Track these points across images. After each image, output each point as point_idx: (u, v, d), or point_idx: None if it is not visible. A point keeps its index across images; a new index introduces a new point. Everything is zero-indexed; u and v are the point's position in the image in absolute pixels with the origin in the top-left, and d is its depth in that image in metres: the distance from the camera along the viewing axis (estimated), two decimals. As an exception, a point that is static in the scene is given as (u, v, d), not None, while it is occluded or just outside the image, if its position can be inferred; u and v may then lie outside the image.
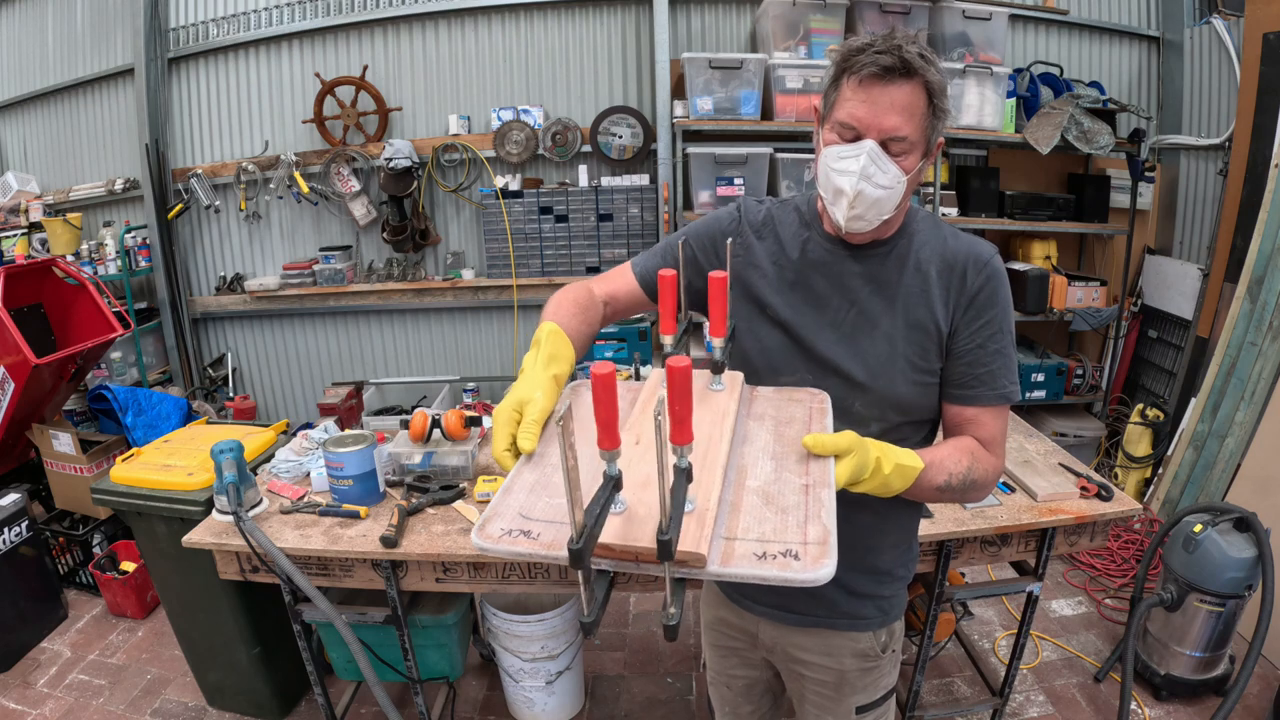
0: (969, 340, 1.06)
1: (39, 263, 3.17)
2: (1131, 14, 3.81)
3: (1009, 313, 1.07)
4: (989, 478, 1.08)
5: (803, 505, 0.80)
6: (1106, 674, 2.37)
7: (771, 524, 0.77)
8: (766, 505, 0.80)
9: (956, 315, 1.06)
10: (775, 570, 0.72)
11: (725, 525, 0.77)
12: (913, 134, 0.96)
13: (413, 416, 1.96)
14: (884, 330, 1.06)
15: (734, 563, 0.73)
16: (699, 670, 2.48)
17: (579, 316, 1.12)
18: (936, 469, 1.00)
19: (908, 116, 0.95)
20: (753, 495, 0.82)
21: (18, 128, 4.08)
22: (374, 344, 4.12)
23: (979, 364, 1.06)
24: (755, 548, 0.74)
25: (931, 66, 0.95)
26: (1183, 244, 3.83)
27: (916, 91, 0.95)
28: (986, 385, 1.07)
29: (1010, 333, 1.07)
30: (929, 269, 1.06)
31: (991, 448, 1.09)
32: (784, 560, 0.73)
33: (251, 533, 1.63)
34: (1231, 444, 2.88)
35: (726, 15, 3.65)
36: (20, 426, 3.00)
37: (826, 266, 1.09)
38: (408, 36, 3.71)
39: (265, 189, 3.82)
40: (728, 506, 0.80)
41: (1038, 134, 3.33)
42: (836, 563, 0.72)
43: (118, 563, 2.82)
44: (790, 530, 0.76)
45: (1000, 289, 1.06)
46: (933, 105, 0.96)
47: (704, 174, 3.40)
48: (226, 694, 2.28)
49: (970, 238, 1.09)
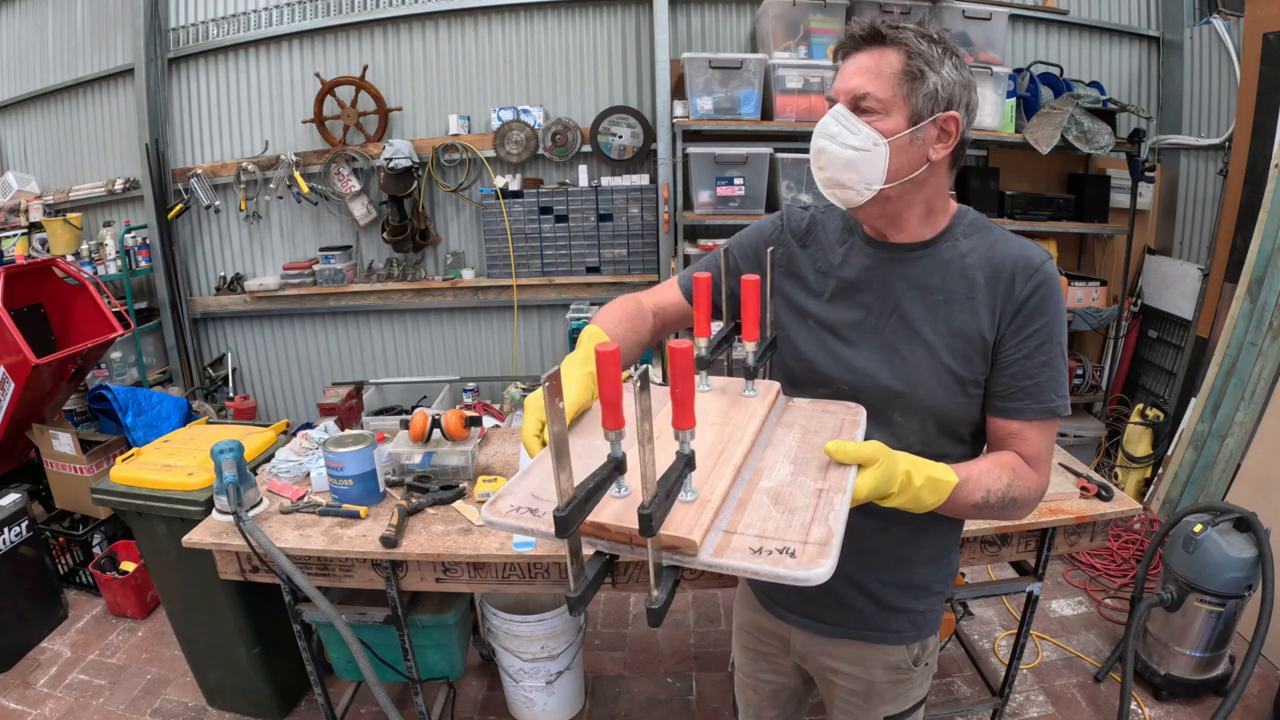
0: (1015, 350, 1.01)
1: (39, 263, 3.17)
2: (1131, 14, 3.81)
3: (1060, 323, 1.01)
4: (1031, 496, 1.03)
5: (812, 508, 0.79)
6: (1106, 674, 2.37)
7: (775, 523, 0.77)
8: (775, 505, 0.80)
9: (1003, 323, 1.01)
10: (768, 565, 0.71)
11: (728, 520, 0.77)
12: (879, 91, 0.95)
13: (413, 416, 1.96)
14: (925, 338, 1.03)
15: (727, 554, 0.73)
16: (699, 670, 2.48)
17: (625, 324, 1.16)
18: (973, 485, 0.97)
19: (873, 76, 0.96)
20: (763, 495, 0.81)
21: (18, 128, 4.08)
22: (374, 344, 4.12)
23: (1025, 376, 1.01)
24: (753, 542, 0.74)
25: (910, 34, 0.95)
26: (1183, 244, 3.83)
27: (887, 54, 0.95)
28: (1032, 399, 1.01)
29: (1060, 343, 1.01)
30: (975, 274, 1.02)
31: (1035, 464, 1.04)
32: (778, 557, 0.72)
33: (251, 533, 1.63)
34: (1231, 444, 2.88)
35: (726, 15, 3.65)
36: (20, 426, 3.00)
37: (868, 272, 1.07)
38: (408, 36, 3.71)
39: (265, 189, 3.82)
40: (734, 503, 0.80)
41: (1038, 134, 3.33)
42: (835, 565, 0.71)
43: (118, 563, 2.82)
44: (793, 530, 0.76)
45: (1051, 297, 1.00)
46: (910, 67, 0.95)
47: (704, 174, 3.40)
48: (226, 694, 2.28)
49: (1022, 242, 1.03)
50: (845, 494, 0.81)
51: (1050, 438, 1.05)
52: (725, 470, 0.82)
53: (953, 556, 1.21)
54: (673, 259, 3.58)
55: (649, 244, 3.77)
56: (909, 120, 0.96)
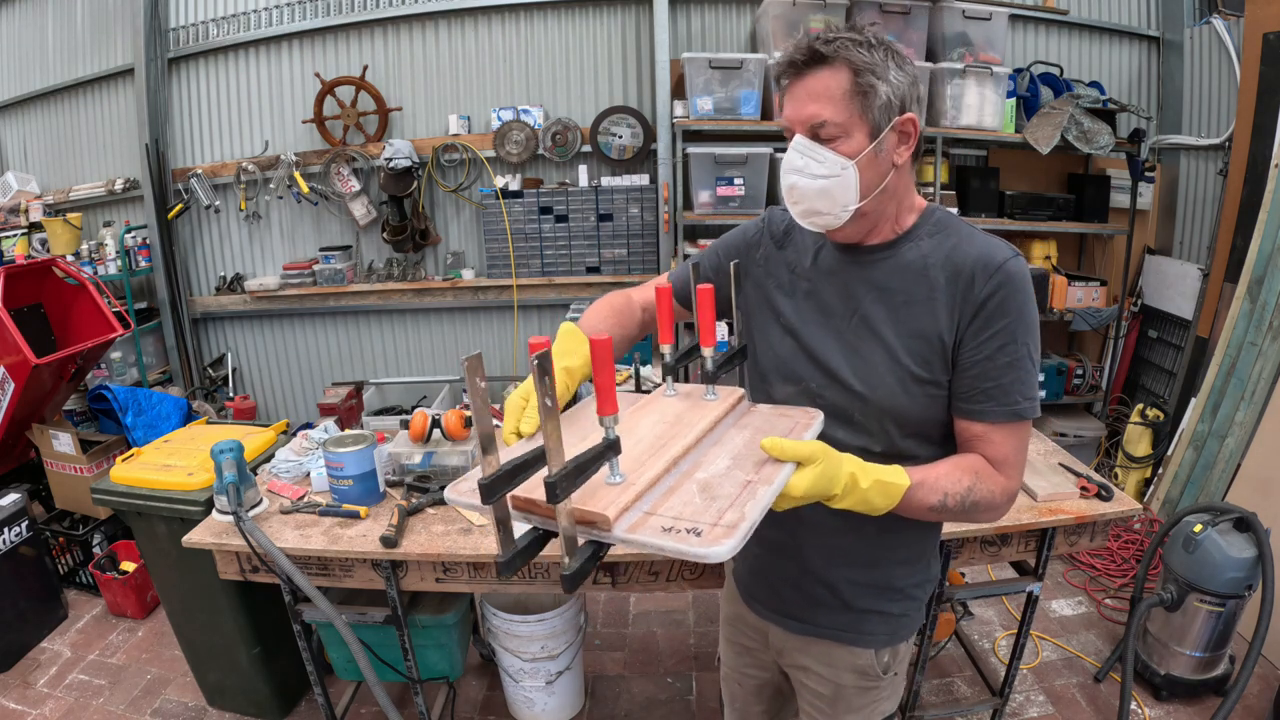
0: (976, 352, 0.99)
1: (39, 263, 3.17)
2: (1131, 14, 3.81)
3: (1027, 321, 0.99)
4: (996, 500, 1.01)
5: (734, 497, 0.81)
6: (1106, 674, 2.37)
7: (695, 507, 0.80)
8: (701, 493, 0.83)
9: (963, 325, 0.99)
10: (672, 542, 0.74)
11: (653, 503, 0.82)
12: (835, 115, 0.95)
13: (413, 416, 1.96)
14: (884, 339, 1.03)
15: (639, 531, 0.77)
16: (699, 670, 2.48)
17: (610, 319, 1.19)
18: (929, 488, 0.96)
19: (825, 100, 0.95)
20: (694, 484, 0.85)
21: (18, 128, 4.08)
22: (374, 344, 4.12)
23: (986, 377, 0.99)
24: (667, 522, 0.78)
25: (852, 46, 0.93)
26: (1183, 244, 3.83)
27: (834, 74, 0.94)
28: (995, 401, 1.00)
29: (1028, 344, 0.99)
30: (936, 275, 1.01)
31: (1003, 468, 1.02)
32: (685, 535, 0.75)
33: (251, 533, 1.63)
34: (1231, 444, 2.88)
35: (726, 15, 3.65)
36: (20, 426, 3.00)
37: (835, 274, 1.08)
38: (408, 36, 3.71)
39: (265, 189, 3.82)
40: (664, 490, 0.84)
41: (1038, 134, 3.33)
42: (738, 546, 0.73)
43: (118, 563, 2.82)
44: (708, 513, 0.79)
45: (1013, 296, 0.98)
46: (859, 84, 0.94)
47: (704, 174, 3.40)
48: (226, 694, 2.28)
49: (988, 239, 1.01)
50: (772, 486, 0.82)
51: (1018, 440, 1.02)
52: (660, 460, 0.87)
53: (930, 561, 1.20)
54: (673, 259, 3.57)
55: (649, 244, 3.77)
56: (870, 136, 0.96)
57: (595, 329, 1.19)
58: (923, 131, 1.01)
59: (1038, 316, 1.02)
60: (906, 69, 0.97)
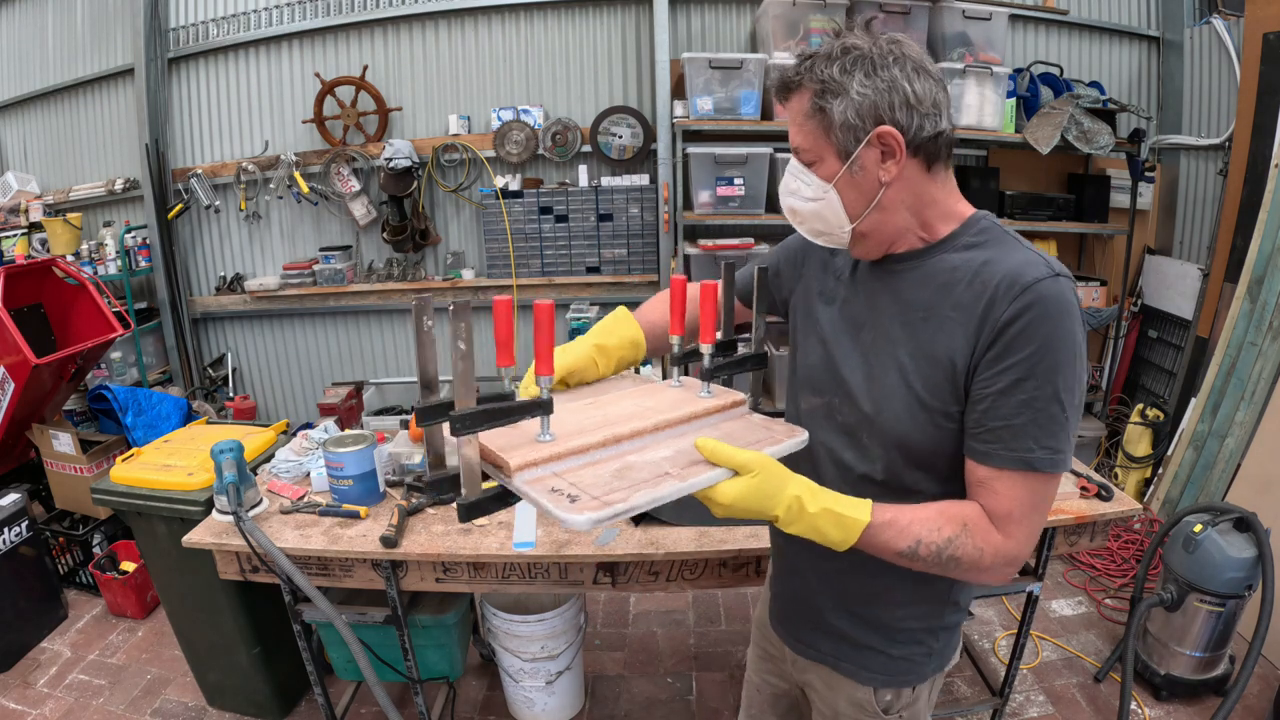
0: (988, 384, 0.87)
1: (39, 263, 3.17)
2: (1131, 14, 3.81)
3: (1056, 355, 0.84)
4: (983, 560, 0.88)
5: (640, 482, 0.81)
6: (1106, 674, 2.37)
7: (598, 482, 0.82)
8: (616, 473, 0.84)
9: (979, 351, 0.88)
10: (547, 501, 0.78)
11: (569, 468, 0.85)
12: (803, 141, 0.94)
13: (413, 416, 1.96)
14: (898, 358, 0.95)
15: (530, 485, 0.81)
16: (699, 670, 2.48)
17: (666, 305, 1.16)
18: (897, 530, 0.88)
19: (795, 128, 0.95)
20: (618, 464, 0.86)
21: (18, 128, 4.08)
22: (374, 344, 4.12)
23: (995, 414, 0.87)
24: (563, 485, 0.81)
25: (817, 64, 0.90)
26: (1183, 244, 3.83)
27: (800, 100, 0.93)
28: (1002, 443, 0.87)
29: (1054, 382, 0.84)
30: (961, 291, 0.90)
31: (1003, 524, 0.88)
32: (561, 499, 0.78)
33: (251, 533, 1.63)
34: (1231, 444, 2.88)
35: (726, 15, 3.65)
36: (20, 426, 3.00)
37: (867, 285, 1.02)
38: (408, 36, 3.71)
39: (265, 189, 3.82)
40: (587, 460, 0.87)
41: (1038, 134, 3.33)
42: (598, 522, 0.75)
43: (118, 563, 2.82)
44: (600, 489, 0.80)
45: (1041, 323, 0.83)
46: (813, 106, 0.90)
47: (704, 174, 3.40)
48: (226, 694, 2.28)
49: (1029, 255, 0.88)
50: (682, 484, 0.81)
51: (1028, 495, 0.88)
52: (598, 435, 0.89)
53: (943, 608, 1.08)
54: (672, 259, 3.57)
55: (649, 244, 3.77)
56: (839, 158, 0.91)
57: (656, 316, 1.23)
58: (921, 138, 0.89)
59: (1079, 350, 0.86)
60: (880, 75, 0.87)
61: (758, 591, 2.84)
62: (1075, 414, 0.87)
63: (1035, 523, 0.90)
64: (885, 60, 0.88)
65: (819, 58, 0.90)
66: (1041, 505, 0.90)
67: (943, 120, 0.90)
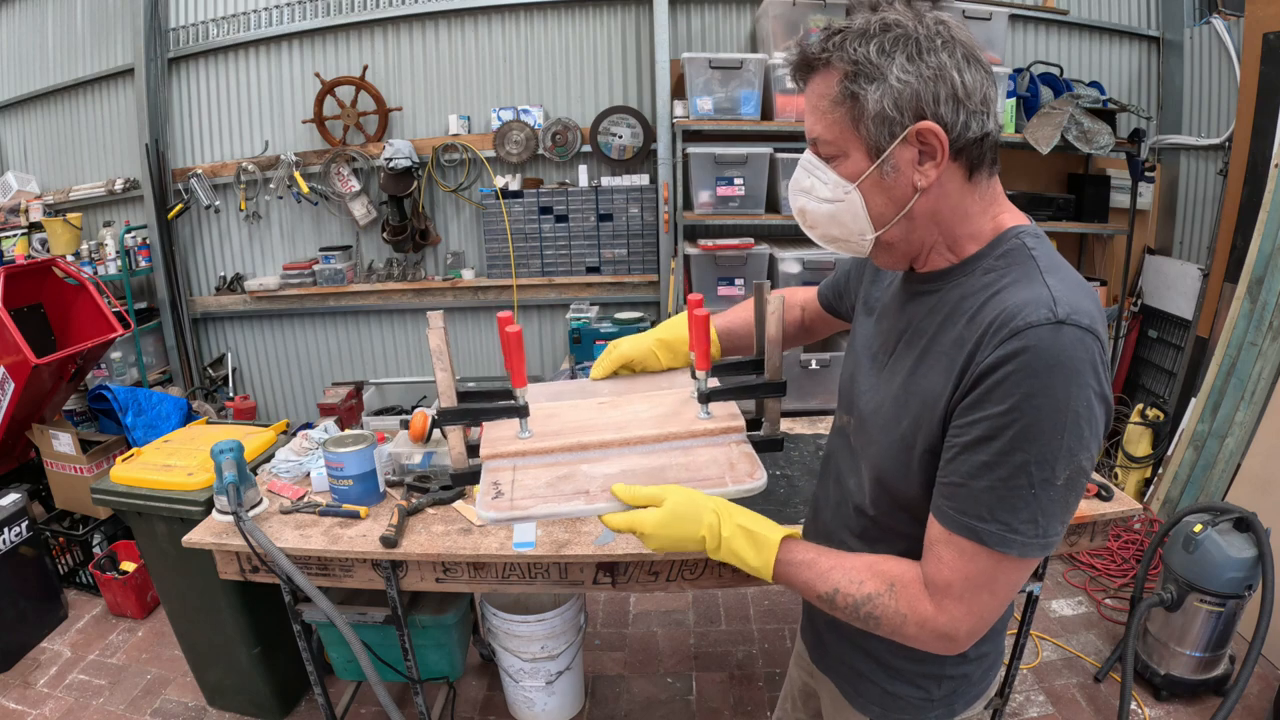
0: (957, 434, 0.76)
1: (39, 263, 3.16)
2: (1131, 14, 3.81)
3: (1034, 419, 0.70)
4: (905, 629, 0.80)
5: (556, 496, 0.92)
6: (1106, 674, 2.37)
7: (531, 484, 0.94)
8: (551, 479, 0.95)
9: (957, 395, 0.77)
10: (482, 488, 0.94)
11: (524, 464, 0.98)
12: (825, 131, 0.80)
13: (413, 416, 1.97)
14: (896, 389, 0.87)
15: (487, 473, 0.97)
16: (699, 670, 2.48)
17: (748, 312, 1.19)
18: (816, 573, 0.83)
19: (816, 114, 0.81)
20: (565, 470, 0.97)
21: (18, 128, 4.07)
22: (374, 344, 4.12)
23: (954, 468, 0.76)
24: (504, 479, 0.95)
25: (848, 42, 0.76)
26: (1183, 244, 3.83)
27: (825, 81, 0.79)
28: (954, 501, 0.76)
29: (1025, 450, 0.71)
30: (961, 326, 0.80)
31: (938, 595, 0.78)
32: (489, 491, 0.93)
33: (251, 533, 1.63)
34: (1231, 444, 2.88)
35: (726, 15, 3.65)
36: (20, 426, 3.00)
37: (896, 303, 0.93)
38: (408, 36, 3.71)
39: (265, 189, 3.82)
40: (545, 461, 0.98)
41: (1038, 134, 3.33)
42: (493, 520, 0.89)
43: (118, 563, 2.82)
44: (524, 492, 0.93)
45: (1023, 380, 0.70)
46: (843, 91, 0.77)
47: (704, 174, 3.40)
48: (226, 694, 2.28)
49: (1035, 293, 0.74)
50: (588, 506, 0.91)
51: (973, 571, 0.76)
52: (569, 440, 1.00)
53: (944, 660, 0.98)
54: (672, 259, 3.58)
55: (649, 244, 3.77)
56: (868, 154, 0.78)
57: (736, 318, 1.24)
58: (966, 139, 0.77)
59: (1073, 416, 0.71)
60: (927, 60, 0.74)
61: (758, 591, 2.85)
62: (1054, 494, 0.72)
63: (978, 604, 0.77)
64: (932, 43, 0.75)
65: (851, 33, 0.77)
66: (988, 586, 0.77)
67: (990, 120, 0.78)
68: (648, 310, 3.83)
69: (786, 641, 2.59)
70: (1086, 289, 0.77)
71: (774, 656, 2.53)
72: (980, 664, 1.02)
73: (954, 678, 1.01)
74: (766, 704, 2.31)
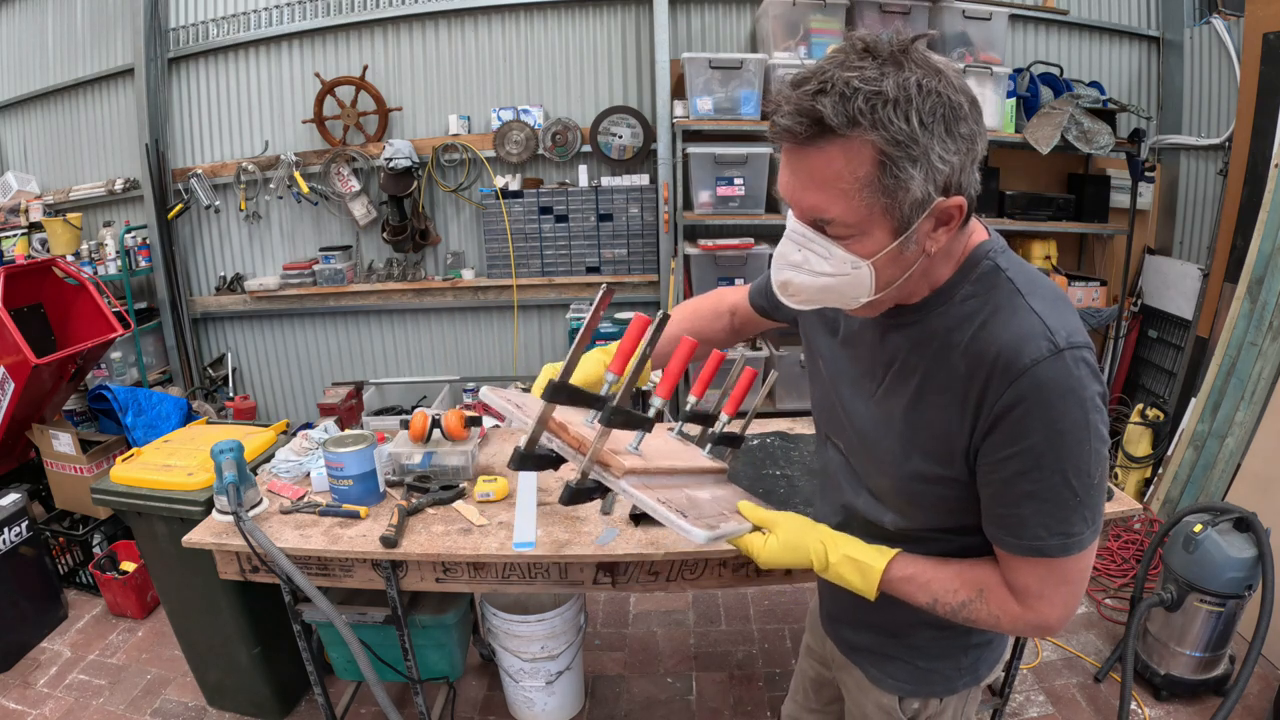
0: (991, 471, 0.80)
1: (39, 263, 3.16)
2: (1131, 14, 3.81)
3: (1060, 443, 0.75)
4: (1000, 625, 0.87)
5: (714, 514, 0.97)
6: (1106, 674, 2.37)
7: (681, 503, 0.96)
8: (689, 500, 0.99)
9: (979, 433, 0.79)
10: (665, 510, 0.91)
11: (654, 483, 0.99)
12: (846, 215, 0.71)
13: (413, 416, 1.96)
14: (897, 425, 0.88)
15: (642, 492, 0.93)
16: (699, 670, 2.48)
17: (685, 322, 1.25)
18: (917, 586, 0.89)
19: (834, 194, 0.70)
20: (684, 493, 1.02)
21: (18, 128, 4.07)
22: (374, 344, 4.12)
23: (1000, 502, 0.81)
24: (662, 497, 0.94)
25: (881, 108, 0.65)
26: (1183, 244, 3.83)
27: (848, 154, 0.67)
28: (1009, 532, 0.82)
29: (1060, 470, 0.76)
30: (957, 359, 0.80)
31: (1022, 598, 0.84)
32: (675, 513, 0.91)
33: (251, 533, 1.63)
34: (1231, 444, 2.88)
35: (726, 15, 3.65)
36: (20, 426, 3.00)
37: (870, 329, 0.90)
38: (408, 36, 3.71)
39: (265, 189, 3.82)
40: (663, 481, 1.01)
41: (1038, 134, 3.33)
42: (706, 538, 0.89)
43: (118, 563, 2.82)
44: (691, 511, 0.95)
45: (1040, 412, 0.74)
46: (885, 173, 0.67)
47: (704, 174, 3.40)
48: (226, 694, 2.28)
49: (1026, 324, 0.76)
50: (741, 526, 0.98)
51: (1047, 574, 0.82)
52: (667, 463, 1.06)
53: (972, 630, 1.01)
54: (672, 259, 3.58)
55: (649, 244, 3.77)
56: (894, 233, 0.72)
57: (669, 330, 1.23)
58: (973, 197, 0.74)
59: (1090, 429, 0.75)
60: (962, 131, 0.68)
61: (758, 592, 2.85)
62: (1094, 492, 0.79)
63: (1061, 596, 0.83)
64: (962, 108, 0.68)
65: (881, 98, 0.65)
66: (1065, 582, 0.82)
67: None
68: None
69: (787, 641, 2.59)
70: (1063, 299, 0.81)
71: (774, 656, 2.53)
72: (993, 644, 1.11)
73: (979, 645, 1.06)
74: (767, 704, 2.31)
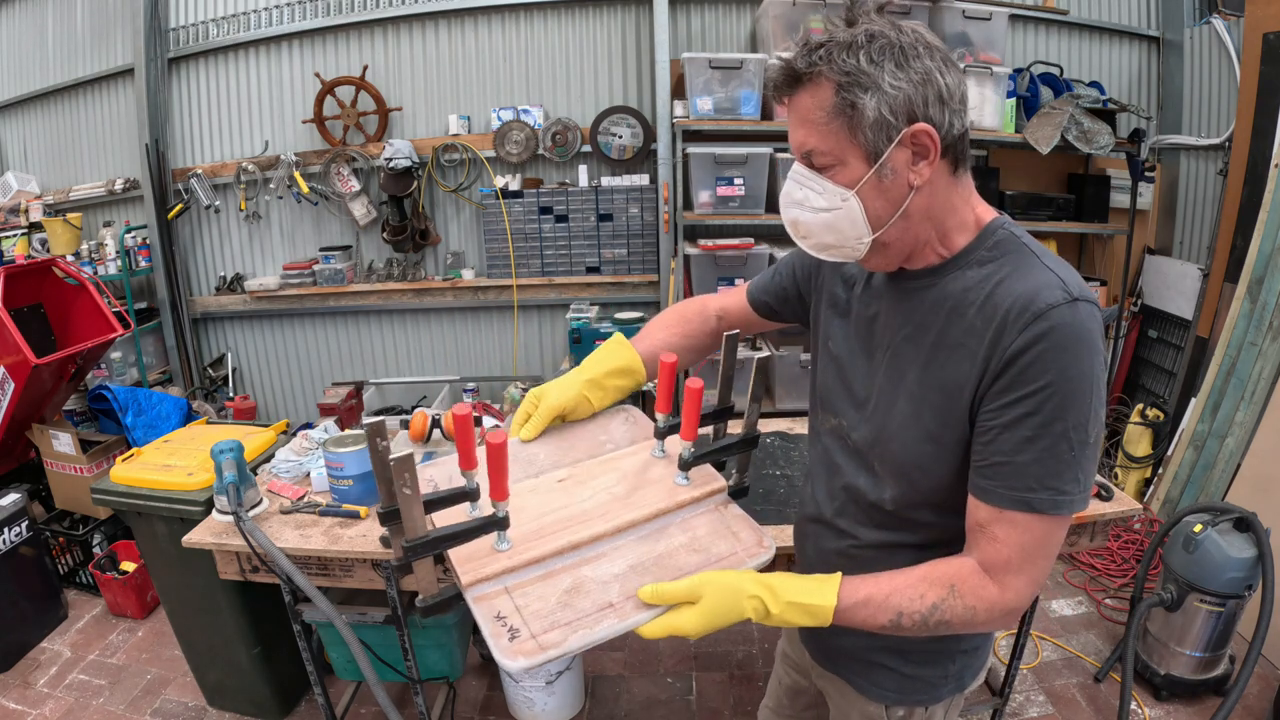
0: (993, 416, 0.81)
1: (39, 263, 3.16)
2: (1131, 14, 3.81)
3: (1067, 390, 0.77)
4: (975, 617, 0.84)
5: (581, 616, 0.81)
6: (1106, 674, 2.37)
7: (544, 606, 0.81)
8: (563, 595, 0.83)
9: (986, 381, 0.82)
10: (489, 631, 0.79)
11: (517, 581, 0.85)
12: (820, 143, 0.83)
13: (413, 416, 1.96)
14: (909, 386, 0.89)
15: (479, 603, 0.82)
16: (699, 670, 2.48)
17: (674, 328, 1.19)
18: (875, 607, 0.84)
19: (810, 126, 0.83)
20: (569, 579, 0.86)
21: (18, 128, 4.07)
22: (374, 344, 4.12)
23: (997, 449, 0.81)
24: (507, 608, 0.81)
25: (835, 54, 0.79)
26: (1183, 244, 3.83)
27: (814, 93, 0.82)
28: (1002, 480, 0.81)
29: (1064, 419, 0.78)
30: (974, 315, 0.84)
31: (999, 574, 0.83)
32: (502, 632, 0.79)
33: (251, 533, 1.63)
34: (1231, 444, 2.88)
35: (726, 15, 3.65)
36: (20, 426, 3.00)
37: (879, 301, 0.95)
38: (408, 36, 3.71)
39: (265, 189, 3.82)
40: (542, 571, 0.86)
41: (1038, 134, 3.33)
42: (532, 668, 0.77)
43: (118, 563, 2.82)
44: (544, 621, 0.80)
45: (1054, 355, 0.77)
46: (840, 102, 0.80)
47: (704, 174, 3.40)
48: (226, 694, 2.28)
49: (1046, 275, 0.81)
50: (622, 622, 0.82)
51: (1029, 540, 0.81)
52: (559, 540, 0.87)
53: (962, 642, 1.04)
54: (672, 259, 3.58)
55: (649, 244, 3.77)
56: (867, 160, 0.82)
57: (655, 340, 1.18)
58: (953, 133, 0.82)
59: (1095, 384, 0.79)
60: (913, 66, 0.79)
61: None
62: (1089, 452, 0.80)
63: (1036, 570, 0.83)
64: (915, 49, 0.80)
65: (836, 45, 0.80)
66: (1042, 550, 0.83)
67: (967, 117, 0.84)
68: (648, 310, 3.83)
69: (786, 641, 2.59)
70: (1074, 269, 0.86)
71: (773, 657, 2.52)
72: (987, 636, 1.10)
73: (966, 651, 1.06)
74: (766, 704, 2.31)
